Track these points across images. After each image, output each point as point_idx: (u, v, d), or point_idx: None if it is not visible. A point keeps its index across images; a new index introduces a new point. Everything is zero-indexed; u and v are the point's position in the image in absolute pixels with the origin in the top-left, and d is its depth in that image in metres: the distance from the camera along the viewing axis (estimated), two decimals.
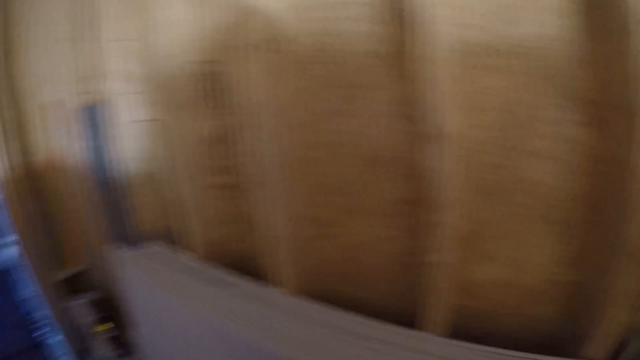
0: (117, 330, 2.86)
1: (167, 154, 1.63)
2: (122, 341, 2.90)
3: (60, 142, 2.35)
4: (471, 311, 1.10)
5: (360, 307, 1.13)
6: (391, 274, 1.16)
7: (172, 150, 1.48)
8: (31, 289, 2.66)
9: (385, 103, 1.02)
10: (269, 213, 1.27)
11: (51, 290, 2.71)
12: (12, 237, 2.48)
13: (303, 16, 1.07)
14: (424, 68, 0.90)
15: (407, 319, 1.12)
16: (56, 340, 2.92)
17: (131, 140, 1.75)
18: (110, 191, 1.99)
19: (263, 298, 1.23)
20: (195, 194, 1.48)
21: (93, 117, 1.91)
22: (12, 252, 2.54)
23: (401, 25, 0.97)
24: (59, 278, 2.78)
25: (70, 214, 2.76)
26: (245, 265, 1.54)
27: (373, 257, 1.16)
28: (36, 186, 2.50)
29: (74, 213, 2.71)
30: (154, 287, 1.54)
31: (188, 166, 1.45)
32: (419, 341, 1.01)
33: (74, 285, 2.92)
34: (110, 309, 2.89)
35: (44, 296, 2.68)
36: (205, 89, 1.35)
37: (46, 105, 2.32)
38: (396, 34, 0.98)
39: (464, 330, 1.08)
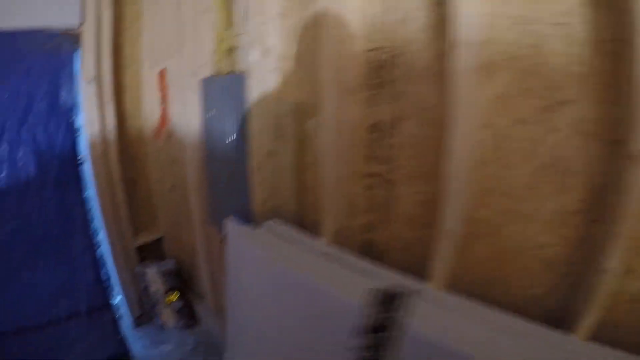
0: (183, 301, 3.09)
1: (308, 136, 1.70)
2: (186, 312, 3.14)
3: (171, 110, 2.47)
4: (606, 322, 1.17)
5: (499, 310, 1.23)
6: (542, 279, 1.26)
7: (325, 133, 1.53)
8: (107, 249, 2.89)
9: (572, 119, 1.12)
10: (431, 208, 1.38)
11: (123, 255, 2.88)
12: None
13: (497, 24, 1.12)
14: (629, 95, 1.05)
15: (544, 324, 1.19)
16: (117, 302, 3.15)
17: (259, 116, 1.79)
18: (226, 165, 2.06)
19: (410, 287, 1.32)
20: (341, 180, 1.55)
21: (218, 88, 1.95)
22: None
23: (600, 53, 1.11)
24: (133, 244, 2.98)
25: (153, 183, 2.96)
26: (372, 255, 1.64)
27: (527, 262, 1.25)
28: (124, 151, 2.63)
29: (159, 183, 2.90)
30: (270, 262, 1.59)
31: (340, 151, 1.51)
32: (570, 344, 1.11)
33: (145, 252, 3.15)
34: (178, 280, 3.12)
35: (115, 260, 2.90)
36: (373, 77, 1.41)
37: (164, 72, 2.45)
38: (592, 58, 1.11)
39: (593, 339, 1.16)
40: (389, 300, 1.32)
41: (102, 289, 2.68)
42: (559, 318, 1.26)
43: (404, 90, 1.38)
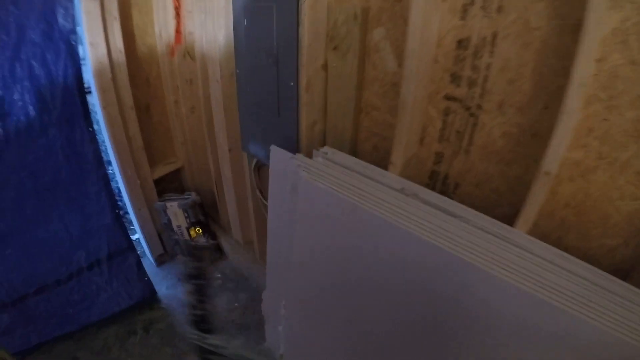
0: (207, 235, 3.18)
1: (371, 48, 1.61)
2: (210, 248, 3.24)
3: (189, 22, 2.32)
4: None
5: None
6: (619, 231, 1.30)
7: (408, 45, 1.42)
8: (122, 186, 2.89)
9: None
10: (520, 143, 1.36)
11: (140, 191, 2.87)
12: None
13: None
14: None
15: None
16: (137, 241, 3.23)
17: (312, 23, 1.65)
18: (264, 82, 1.96)
19: (482, 225, 1.33)
20: (418, 102, 1.49)
21: None
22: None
23: None
24: (150, 178, 2.94)
25: (169, 106, 2.90)
26: (441, 188, 1.65)
27: (608, 210, 1.29)
28: (135, 74, 2.52)
29: (175, 106, 2.81)
30: (335, 198, 1.53)
31: (423, 68, 1.43)
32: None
33: (163, 185, 3.17)
34: (201, 213, 3.17)
35: (131, 197, 2.86)
36: None
37: None
38: None
39: None
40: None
41: (121, 231, 2.68)
42: (626, 271, 1.33)
43: (505, 3, 1.28)
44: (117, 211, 2.63)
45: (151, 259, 3.12)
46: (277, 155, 1.84)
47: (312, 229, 1.73)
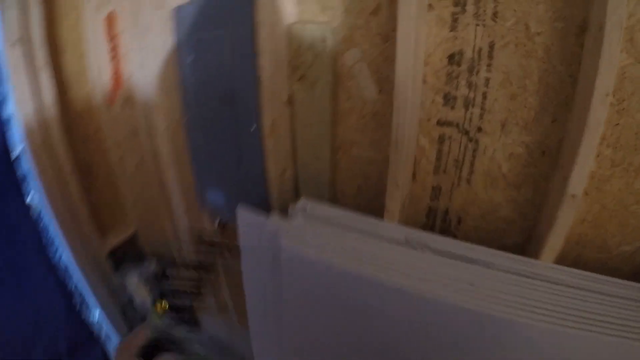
0: (175, 305, 2.99)
1: (343, 74, 1.52)
2: (183, 318, 3.06)
3: (127, 65, 2.19)
4: None
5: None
6: (636, 236, 1.32)
7: (398, 65, 1.33)
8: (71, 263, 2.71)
9: None
10: (529, 164, 1.32)
11: (92, 266, 2.69)
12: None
13: None
14: None
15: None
16: (98, 323, 3.02)
17: (272, 51, 1.54)
18: (220, 126, 1.83)
19: (514, 268, 1.26)
20: (411, 131, 1.42)
21: (204, 16, 1.65)
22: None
23: None
24: (103, 249, 2.76)
25: (114, 164, 2.73)
26: (441, 226, 1.59)
27: (625, 218, 1.30)
28: (71, 131, 2.40)
29: (120, 162, 2.68)
30: (330, 270, 1.38)
31: (414, 90, 1.34)
32: None
33: (119, 255, 2.98)
34: (166, 283, 2.99)
35: (84, 274, 2.66)
36: None
37: (113, 14, 2.12)
38: None
39: None
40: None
41: (78, 319, 2.53)
42: None
43: (501, 8, 1.24)
44: (70, 296, 2.48)
45: (117, 340, 2.91)
46: (247, 221, 1.67)
47: (305, 307, 1.58)
